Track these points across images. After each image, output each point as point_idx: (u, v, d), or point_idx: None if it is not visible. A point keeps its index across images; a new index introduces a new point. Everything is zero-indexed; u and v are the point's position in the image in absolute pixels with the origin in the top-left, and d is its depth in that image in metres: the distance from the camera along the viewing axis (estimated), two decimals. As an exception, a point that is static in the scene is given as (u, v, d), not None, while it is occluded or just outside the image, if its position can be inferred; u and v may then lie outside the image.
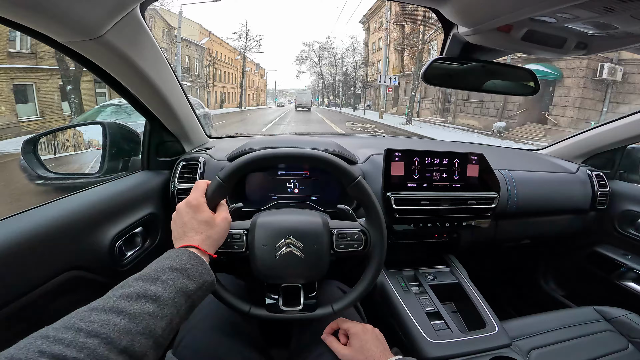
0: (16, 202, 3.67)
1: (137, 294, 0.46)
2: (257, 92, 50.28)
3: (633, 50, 0.71)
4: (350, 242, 0.73)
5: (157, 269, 0.51)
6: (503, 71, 0.88)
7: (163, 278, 0.50)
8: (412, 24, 18.12)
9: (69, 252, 0.74)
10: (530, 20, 0.62)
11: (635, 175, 1.43)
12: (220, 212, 0.66)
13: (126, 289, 0.47)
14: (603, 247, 1.43)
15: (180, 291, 0.50)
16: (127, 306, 0.44)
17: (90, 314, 0.42)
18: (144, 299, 0.46)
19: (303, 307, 0.74)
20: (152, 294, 0.47)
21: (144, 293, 0.46)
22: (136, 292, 0.46)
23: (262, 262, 0.71)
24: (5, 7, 0.50)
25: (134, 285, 0.47)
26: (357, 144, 1.28)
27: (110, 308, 0.43)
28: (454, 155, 1.06)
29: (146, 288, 0.47)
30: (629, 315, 1.05)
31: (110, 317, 0.42)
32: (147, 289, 0.47)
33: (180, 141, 1.18)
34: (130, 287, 0.47)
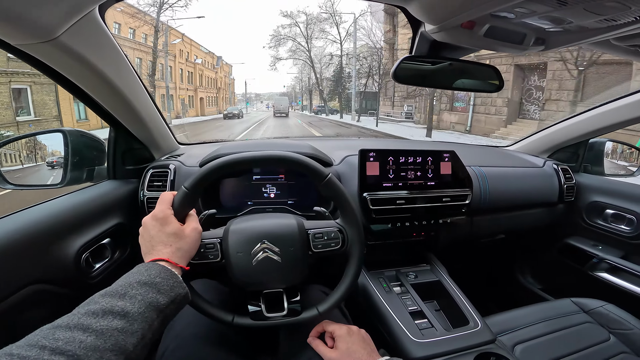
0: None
1: (103, 310, 0.45)
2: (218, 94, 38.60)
3: (589, 45, 0.74)
4: (327, 241, 0.73)
5: (124, 284, 0.50)
6: (470, 69, 0.91)
7: (131, 293, 0.49)
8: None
9: (31, 265, 0.71)
10: (491, 16, 0.65)
11: (598, 167, 1.49)
12: (190, 223, 0.65)
13: (92, 305, 0.46)
14: (574, 238, 1.48)
15: (150, 306, 0.49)
16: (92, 323, 0.43)
17: (55, 332, 0.41)
18: (111, 315, 0.45)
19: (287, 312, 0.72)
20: (120, 310, 0.46)
21: (111, 309, 0.45)
22: (102, 309, 0.45)
23: (240, 270, 0.69)
24: None
25: (100, 302, 0.46)
26: (332, 146, 1.29)
27: (75, 325, 0.42)
28: (427, 154, 1.07)
29: (113, 304, 0.46)
30: (607, 306, 1.08)
31: (75, 334, 0.41)
32: (114, 305, 0.46)
33: (149, 148, 1.15)
34: (96, 304, 0.46)
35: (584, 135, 1.41)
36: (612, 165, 1.50)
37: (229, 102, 47.13)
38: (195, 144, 1.44)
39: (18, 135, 0.97)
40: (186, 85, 28.16)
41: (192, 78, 30.00)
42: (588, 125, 1.37)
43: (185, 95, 27.99)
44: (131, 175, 1.09)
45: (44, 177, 0.99)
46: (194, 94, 30.21)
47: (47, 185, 0.97)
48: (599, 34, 0.63)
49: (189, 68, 29.32)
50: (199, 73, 31.71)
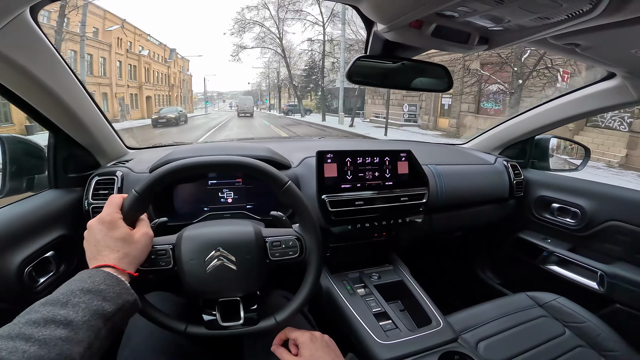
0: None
1: (44, 319, 0.44)
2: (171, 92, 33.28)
3: (529, 44, 0.78)
4: (285, 249, 0.72)
5: (66, 292, 0.49)
6: (421, 68, 0.93)
7: (74, 301, 0.47)
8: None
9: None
10: (437, 15, 0.66)
11: (544, 163, 1.58)
12: (140, 227, 0.63)
13: (32, 314, 0.44)
14: (525, 233, 1.55)
15: (96, 314, 0.48)
16: (35, 332, 0.42)
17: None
18: (53, 324, 0.43)
19: (244, 321, 0.71)
20: (63, 319, 0.44)
21: (53, 318, 0.44)
22: (44, 318, 0.44)
23: (193, 278, 0.67)
24: None
25: (40, 311, 0.45)
26: (292, 148, 1.27)
27: (17, 335, 0.41)
28: (384, 154, 1.09)
29: (55, 312, 0.45)
30: (559, 299, 1.13)
31: (17, 344, 0.40)
32: (56, 314, 0.45)
33: (94, 154, 1.09)
34: (36, 313, 0.45)
35: (530, 132, 1.49)
36: (557, 161, 1.59)
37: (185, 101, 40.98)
38: (146, 148, 1.38)
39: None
40: (126, 81, 23.44)
41: (136, 73, 25.50)
42: (533, 123, 1.44)
43: (124, 94, 23.13)
44: (74, 183, 1.03)
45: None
46: (138, 92, 25.47)
47: None
48: (536, 32, 0.66)
49: (132, 61, 24.98)
50: (145, 67, 26.96)
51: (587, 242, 1.35)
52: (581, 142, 1.64)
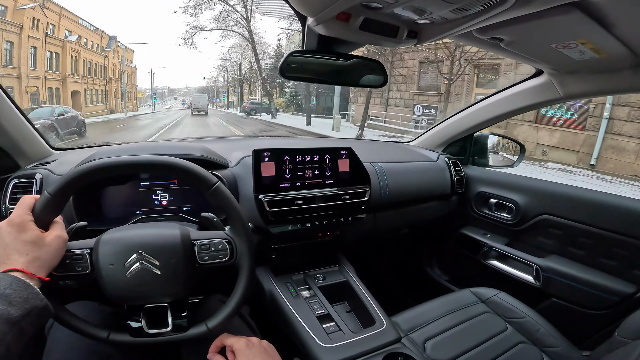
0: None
1: None
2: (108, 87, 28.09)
3: (456, 38, 0.80)
4: (214, 253, 0.69)
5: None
6: (356, 63, 0.92)
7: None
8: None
9: None
10: (363, 6, 0.65)
11: (483, 159, 1.64)
12: (53, 230, 0.61)
13: None
14: (467, 228, 1.59)
15: (1, 318, 0.46)
16: None
17: None
18: None
19: (172, 327, 0.68)
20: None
21: None
22: None
23: (111, 283, 0.63)
24: None
25: None
26: (231, 147, 1.22)
27: None
28: (324, 152, 1.07)
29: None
30: (500, 294, 1.16)
31: None
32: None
33: (12, 155, 1.01)
34: None
35: (468, 129, 1.54)
36: (495, 157, 1.66)
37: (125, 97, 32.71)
38: (72, 149, 1.27)
39: None
40: (44, 72, 18.76)
41: (59, 63, 20.73)
42: (470, 120, 1.49)
43: (39, 87, 18.40)
44: None
45: None
46: (60, 86, 20.67)
47: None
48: (459, 25, 0.67)
49: (53, 47, 20.09)
50: (73, 55, 22.03)
51: (522, 236, 1.41)
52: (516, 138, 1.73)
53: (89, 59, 25.17)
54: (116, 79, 30.45)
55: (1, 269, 0.54)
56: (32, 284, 0.53)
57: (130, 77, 37.88)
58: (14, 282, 0.51)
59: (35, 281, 0.54)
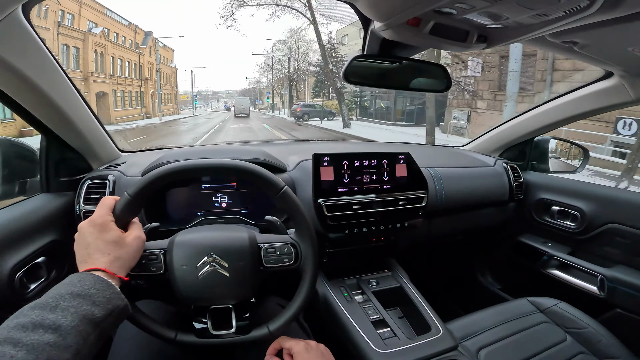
0: None
1: (33, 324, 0.43)
2: (144, 88, 25.01)
3: (527, 42, 0.77)
4: (280, 256, 0.70)
5: (55, 295, 0.48)
6: (419, 68, 0.92)
7: (63, 305, 0.46)
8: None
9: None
10: (435, 12, 0.65)
11: (544, 165, 1.56)
12: (132, 231, 0.62)
13: (21, 318, 0.44)
14: (525, 236, 1.52)
15: (85, 319, 0.47)
16: (23, 337, 0.41)
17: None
18: (41, 328, 0.43)
19: (236, 329, 0.69)
20: (51, 323, 0.43)
21: (41, 322, 0.43)
22: (32, 322, 0.43)
23: (184, 284, 0.65)
24: None
25: (29, 315, 0.44)
26: (287, 151, 1.26)
27: (5, 339, 0.40)
28: (382, 156, 1.06)
29: (44, 317, 0.44)
30: (560, 304, 1.11)
31: (5, 349, 0.39)
32: (44, 318, 0.44)
33: (85, 157, 1.07)
34: (25, 317, 0.44)
35: (529, 133, 1.47)
36: (556, 163, 1.57)
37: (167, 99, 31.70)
38: (139, 151, 1.36)
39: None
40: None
41: (80, 58, 18.18)
42: (532, 124, 1.43)
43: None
44: (66, 187, 1.01)
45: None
46: (82, 86, 17.37)
47: None
48: (534, 30, 0.65)
49: (71, 40, 17.26)
50: (97, 51, 19.02)
51: (587, 245, 1.33)
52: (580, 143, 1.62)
53: (119, 56, 22.24)
54: (153, 79, 27.17)
55: (83, 268, 0.55)
56: (114, 284, 0.54)
57: (170, 78, 35.02)
58: (97, 281, 0.52)
59: (116, 281, 0.55)
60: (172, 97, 36.40)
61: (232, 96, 60.28)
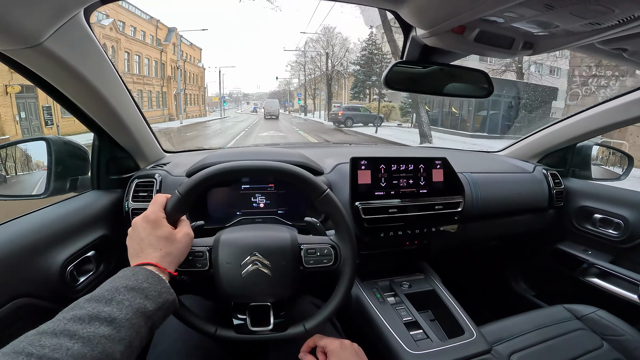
0: None
1: (89, 316, 0.43)
2: (166, 87, 23.44)
3: (575, 49, 0.76)
4: (320, 257, 0.71)
5: (110, 288, 0.49)
6: (460, 73, 0.92)
7: (118, 298, 0.47)
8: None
9: (15, 279, 0.69)
10: (482, 20, 0.65)
11: (586, 171, 1.51)
12: (182, 228, 0.64)
13: (77, 310, 0.44)
14: (564, 244, 1.48)
15: (138, 312, 0.48)
16: (79, 329, 0.41)
17: (40, 338, 0.39)
18: (97, 321, 0.43)
19: (273, 326, 0.71)
20: (107, 316, 0.44)
21: (98, 315, 0.44)
22: (89, 314, 0.44)
23: (227, 281, 0.67)
24: None
25: (85, 307, 0.45)
26: (323, 154, 1.28)
27: (62, 331, 0.40)
28: (419, 161, 1.07)
29: (100, 309, 0.45)
30: (598, 312, 1.08)
31: (62, 341, 0.39)
32: (100, 311, 0.45)
33: (134, 157, 1.12)
34: (81, 309, 0.44)
35: (572, 139, 1.43)
36: (599, 169, 1.52)
37: (194, 101, 29.66)
38: (182, 151, 1.42)
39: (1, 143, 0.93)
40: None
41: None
42: (575, 130, 1.38)
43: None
44: (115, 185, 1.06)
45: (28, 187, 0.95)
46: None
47: (31, 195, 0.94)
48: (584, 37, 0.64)
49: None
50: (107, 45, 16.74)
51: (630, 254, 1.29)
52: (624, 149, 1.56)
53: (136, 52, 20.24)
54: (176, 78, 24.31)
55: (135, 262, 0.57)
56: (164, 278, 0.55)
57: (197, 78, 32.68)
58: (150, 276, 0.53)
59: (166, 275, 0.56)
60: (199, 98, 34.16)
61: (262, 98, 60.17)
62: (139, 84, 21.12)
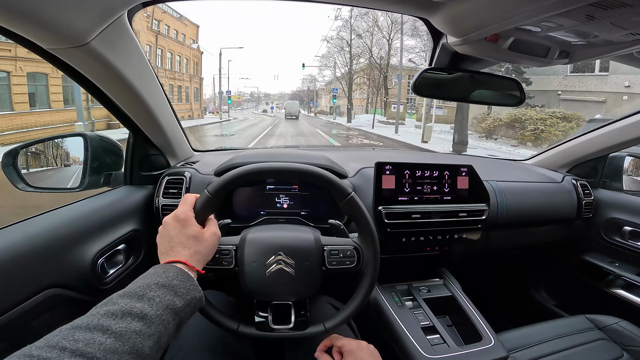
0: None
1: (122, 312, 0.44)
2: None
3: (612, 58, 0.74)
4: (342, 258, 0.72)
5: (142, 285, 0.50)
6: (490, 81, 0.91)
7: (149, 295, 0.48)
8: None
9: (49, 270, 0.71)
10: (517, 29, 0.65)
11: (617, 183, 1.46)
12: (210, 227, 0.65)
13: (111, 306, 0.45)
14: (591, 255, 1.45)
15: (167, 308, 0.49)
16: (112, 324, 0.42)
17: (74, 333, 0.40)
18: (129, 316, 0.44)
19: (294, 325, 0.72)
20: (139, 312, 0.45)
21: (130, 310, 0.45)
22: (122, 310, 0.45)
23: (252, 279, 0.69)
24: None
25: (119, 303, 0.46)
26: (347, 158, 1.28)
27: (95, 326, 0.41)
28: (444, 168, 1.06)
29: (132, 305, 0.46)
30: (621, 323, 1.06)
31: (95, 336, 0.40)
32: (133, 307, 0.45)
33: (165, 155, 1.15)
34: (115, 305, 0.45)
35: (605, 149, 1.38)
36: (631, 181, 1.47)
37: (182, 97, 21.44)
38: (209, 151, 1.45)
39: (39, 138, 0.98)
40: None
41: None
42: (608, 140, 1.34)
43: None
44: (147, 181, 1.09)
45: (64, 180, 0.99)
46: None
47: (67, 188, 0.98)
48: (624, 47, 0.63)
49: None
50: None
51: None
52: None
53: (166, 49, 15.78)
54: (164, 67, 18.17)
55: (165, 259, 0.58)
56: (192, 276, 0.56)
57: (190, 64, 23.19)
58: (180, 273, 0.54)
59: (194, 273, 0.57)
60: (192, 94, 24.28)
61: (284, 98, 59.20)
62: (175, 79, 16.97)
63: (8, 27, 0.55)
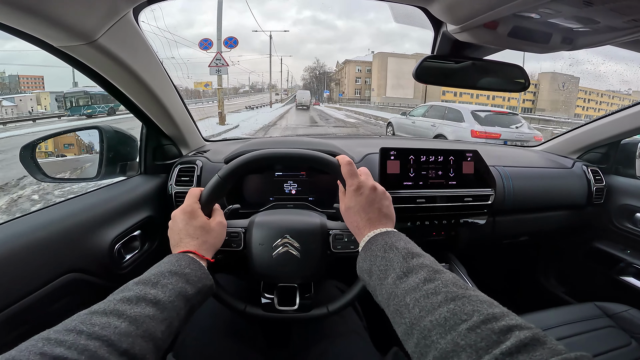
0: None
1: (137, 298, 0.47)
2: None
3: (617, 44, 0.72)
4: (347, 242, 0.73)
5: (156, 273, 0.53)
6: (493, 68, 0.90)
7: (163, 282, 0.51)
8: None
9: (68, 255, 0.75)
10: (515, 16, 0.64)
11: (630, 169, 1.43)
12: (215, 217, 0.68)
13: (126, 292, 0.48)
14: (602, 242, 1.44)
15: (179, 295, 0.51)
16: (127, 309, 0.44)
17: (91, 317, 0.42)
18: (144, 302, 0.47)
19: (298, 307, 0.74)
20: (152, 298, 0.48)
21: (144, 296, 0.47)
22: (136, 296, 0.47)
23: (259, 261, 0.72)
24: (3, 11, 0.51)
25: (134, 289, 0.48)
26: (353, 144, 1.30)
27: (111, 311, 0.44)
28: (449, 153, 1.06)
29: (146, 292, 0.48)
30: (630, 310, 1.06)
31: (110, 320, 0.42)
32: (147, 293, 0.48)
33: (177, 145, 1.19)
34: (130, 291, 0.48)
35: (617, 135, 1.35)
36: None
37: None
38: (220, 140, 1.48)
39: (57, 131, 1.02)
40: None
41: None
42: (621, 125, 1.31)
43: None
44: (160, 170, 1.13)
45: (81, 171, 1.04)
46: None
47: (83, 179, 1.02)
48: (627, 34, 0.62)
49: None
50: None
51: None
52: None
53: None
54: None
55: (176, 250, 0.61)
56: (203, 265, 0.59)
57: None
58: (192, 262, 0.57)
59: (204, 262, 0.61)
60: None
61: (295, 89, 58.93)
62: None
63: (19, 27, 0.58)
